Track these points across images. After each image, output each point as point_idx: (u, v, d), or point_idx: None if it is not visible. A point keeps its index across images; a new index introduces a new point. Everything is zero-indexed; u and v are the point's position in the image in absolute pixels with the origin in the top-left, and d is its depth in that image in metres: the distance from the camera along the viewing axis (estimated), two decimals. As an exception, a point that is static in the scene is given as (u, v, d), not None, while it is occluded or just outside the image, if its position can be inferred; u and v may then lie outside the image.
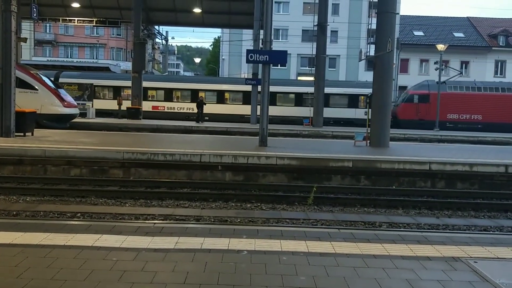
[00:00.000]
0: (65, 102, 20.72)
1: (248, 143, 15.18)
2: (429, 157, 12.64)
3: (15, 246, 4.39)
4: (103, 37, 56.13)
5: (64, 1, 29.97)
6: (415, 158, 12.39)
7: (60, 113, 20.02)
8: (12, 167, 11.21)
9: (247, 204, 9.11)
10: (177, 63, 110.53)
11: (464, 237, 5.41)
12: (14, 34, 14.80)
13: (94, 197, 9.21)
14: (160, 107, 32.34)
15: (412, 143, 20.17)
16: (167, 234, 4.99)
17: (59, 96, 20.65)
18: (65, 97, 21.34)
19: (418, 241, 5.11)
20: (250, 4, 28.37)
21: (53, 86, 21.22)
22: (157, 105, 32.36)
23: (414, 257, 4.55)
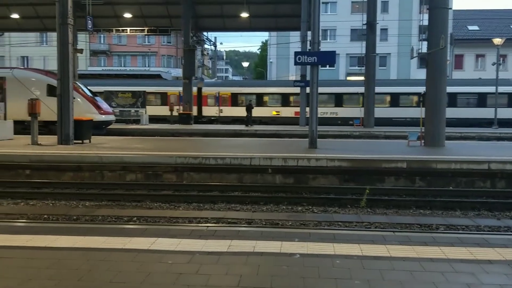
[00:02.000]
0: (101, 110, 21.59)
1: (297, 146, 15.12)
2: (487, 156, 12.11)
3: (77, 249, 4.58)
4: (154, 46, 57.71)
5: (117, 12, 31.05)
6: (473, 157, 11.90)
7: (97, 120, 20.73)
8: (71, 173, 11.71)
9: (298, 207, 9.07)
10: (225, 68, 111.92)
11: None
12: (71, 46, 15.49)
13: (149, 201, 9.46)
14: None
15: (469, 142, 19.40)
16: (220, 237, 5.04)
17: (96, 104, 21.52)
18: (101, 105, 22.25)
19: (478, 244, 4.90)
20: (297, 6, 28.30)
21: (90, 95, 22.18)
22: None
23: (475, 261, 4.37)
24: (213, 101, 33.47)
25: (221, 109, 33.17)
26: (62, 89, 15.14)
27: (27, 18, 31.92)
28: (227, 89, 33.70)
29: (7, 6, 30.44)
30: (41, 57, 55.06)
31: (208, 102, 33.32)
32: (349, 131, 24.23)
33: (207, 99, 33.35)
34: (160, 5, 30.82)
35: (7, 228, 5.69)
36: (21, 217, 7.98)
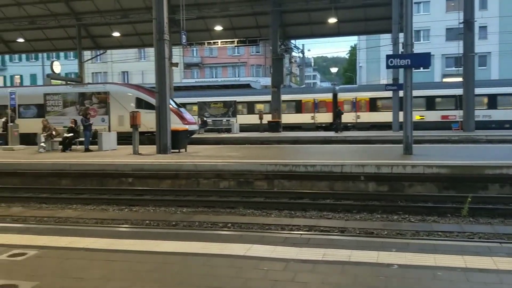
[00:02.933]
0: (185, 120, 22.45)
1: (391, 152, 14.63)
2: None
3: (177, 254, 4.80)
4: (243, 56, 59.19)
5: (209, 25, 32.28)
6: None
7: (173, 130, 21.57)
8: (170, 181, 12.31)
9: (394, 216, 8.76)
10: (313, 75, 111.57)
11: None
12: (167, 60, 16.36)
13: (242, 208, 9.66)
14: None
15: None
16: (314, 246, 5.01)
17: (180, 115, 22.41)
18: (185, 115, 23.21)
19: None
20: (387, 8, 27.54)
21: (175, 106, 23.19)
22: None
23: None
24: (350, 106, 32.49)
25: (358, 115, 32.20)
26: (160, 101, 16.01)
27: (127, 36, 34.26)
28: (365, 94, 32.69)
29: (109, 25, 32.91)
30: (140, 72, 58.77)
31: (344, 108, 32.10)
32: (447, 135, 22.96)
33: (343, 104, 32.32)
34: (249, 16, 31.56)
35: (113, 232, 6.11)
36: (125, 222, 8.53)
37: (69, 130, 18.20)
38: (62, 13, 32.06)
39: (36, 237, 5.62)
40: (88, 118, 17.77)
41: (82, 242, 5.35)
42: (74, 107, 19.37)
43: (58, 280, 4.11)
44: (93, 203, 10.57)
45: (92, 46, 36.50)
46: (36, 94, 22.82)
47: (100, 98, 19.10)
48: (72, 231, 6.04)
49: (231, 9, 30.03)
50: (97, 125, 18.58)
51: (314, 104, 32.82)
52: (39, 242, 5.38)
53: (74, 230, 6.16)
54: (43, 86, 29.64)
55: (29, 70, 62.08)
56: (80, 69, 34.16)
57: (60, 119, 19.47)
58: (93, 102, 19.07)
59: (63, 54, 55.82)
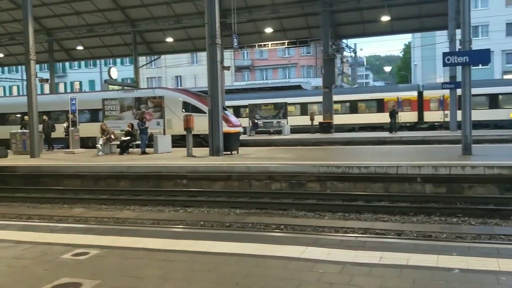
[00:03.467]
0: (230, 123, 22.61)
1: (448, 152, 14.13)
2: None
3: (232, 255, 4.85)
4: (294, 57, 59.01)
5: (259, 28, 32.46)
6: None
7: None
8: (222, 182, 12.48)
9: (453, 219, 8.46)
10: (366, 74, 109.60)
11: None
12: (219, 64, 16.59)
13: (295, 210, 9.64)
14: None
15: None
16: (370, 249, 4.92)
17: (225, 118, 22.54)
18: (230, 118, 23.35)
19: None
20: (443, 4, 26.66)
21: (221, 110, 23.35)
22: None
23: None
24: (436, 105, 31.25)
25: (446, 113, 30.27)
26: (213, 104, 16.27)
27: (180, 41, 35.06)
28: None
29: (163, 31, 33.81)
30: (192, 76, 59.95)
31: (431, 106, 31.31)
32: (508, 135, 21.89)
33: (429, 103, 31.40)
34: (300, 17, 31.45)
35: (170, 233, 6.27)
36: (181, 223, 8.73)
37: (127, 134, 18.84)
38: (118, 21, 33.28)
39: (98, 237, 5.86)
40: (144, 122, 18.33)
41: (141, 242, 5.52)
42: (131, 112, 20.02)
43: (119, 279, 4.27)
44: (150, 204, 10.89)
45: (146, 51, 37.66)
46: (94, 99, 23.83)
47: (155, 102, 19.66)
48: (131, 232, 6.25)
49: (281, 11, 30.03)
50: (152, 129, 19.13)
51: (398, 103, 31.94)
52: (100, 242, 5.61)
53: (133, 231, 6.37)
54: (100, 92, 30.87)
55: (88, 76, 64.85)
56: (136, 75, 35.30)
57: (117, 123, 20.19)
58: (149, 106, 19.65)
59: (119, 60, 57.85)
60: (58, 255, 5.08)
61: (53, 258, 4.98)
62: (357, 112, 32.88)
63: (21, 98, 27.75)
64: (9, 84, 65.75)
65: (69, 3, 31.20)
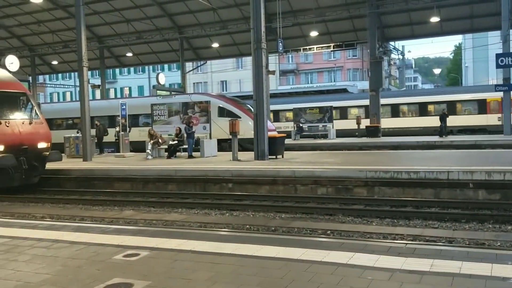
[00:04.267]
0: None
1: (502, 157, 13.57)
2: None
3: (279, 259, 4.85)
4: (339, 60, 58.48)
5: (304, 32, 32.39)
6: None
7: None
8: (267, 186, 12.50)
9: (508, 226, 8.12)
10: (414, 77, 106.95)
11: None
12: (264, 68, 16.66)
13: (341, 215, 9.52)
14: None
15: None
16: (421, 256, 4.80)
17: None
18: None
19: None
20: (496, 3, 25.68)
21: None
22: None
23: None
24: None
25: None
26: (258, 109, 16.34)
27: (225, 46, 35.52)
28: None
29: (209, 37, 34.36)
30: (237, 81, 60.53)
31: None
32: None
33: None
34: (346, 20, 31.17)
35: (217, 236, 6.33)
36: (227, 226, 8.83)
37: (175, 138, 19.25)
38: (166, 27, 34.12)
39: (148, 239, 6.00)
40: (191, 126, 18.64)
41: (189, 244, 5.61)
42: (178, 116, 20.41)
43: (168, 280, 4.35)
44: (197, 207, 11.05)
45: (193, 57, 38.40)
46: (143, 104, 24.46)
47: (201, 107, 19.96)
48: (179, 234, 6.36)
49: (327, 14, 29.86)
50: (199, 133, 19.43)
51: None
52: (150, 243, 5.74)
53: (181, 233, 6.49)
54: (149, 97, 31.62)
55: (137, 82, 66.74)
56: (183, 80, 36.02)
57: (165, 127, 20.63)
58: (195, 111, 19.98)
59: (167, 66, 59.20)
60: (110, 255, 5.24)
61: (106, 258, 5.14)
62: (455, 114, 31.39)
63: (74, 103, 28.88)
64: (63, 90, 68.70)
65: (119, 11, 32.29)
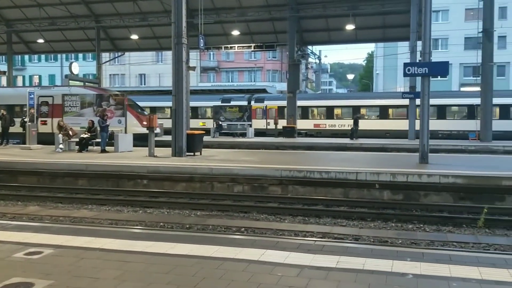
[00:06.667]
0: (144, 123, 22.63)
1: (406, 160, 14.52)
2: None
3: (192, 257, 4.83)
4: (260, 61, 59.29)
5: (226, 30, 32.45)
6: None
7: (139, 133, 21.57)
8: (184, 183, 12.38)
9: (408, 225, 8.69)
10: (329, 81, 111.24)
11: None
12: (185, 64, 16.47)
13: (256, 213, 9.66)
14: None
15: None
16: (328, 253, 5.00)
17: (139, 118, 22.58)
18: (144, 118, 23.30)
19: None
20: (406, 16, 27.39)
21: (139, 110, 23.92)
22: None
23: None
24: None
25: None
26: (177, 105, 16.11)
27: (145, 39, 34.60)
28: None
29: (128, 28, 33.29)
30: (157, 75, 59.26)
31: None
32: (464, 145, 22.70)
33: None
34: (267, 21, 31.66)
35: (128, 234, 6.17)
36: (139, 224, 8.61)
37: (87, 131, 18.43)
38: (82, 15, 32.54)
39: (52, 236, 5.70)
40: (105, 119, 17.96)
41: (97, 242, 5.41)
42: (92, 108, 19.56)
43: (73, 279, 4.17)
44: (109, 204, 10.68)
45: (110, 48, 36.95)
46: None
47: (117, 100, 19.30)
48: (88, 231, 6.11)
49: (249, 14, 30.15)
50: (114, 127, 18.77)
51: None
52: (55, 241, 5.46)
53: (89, 230, 6.24)
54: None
55: (48, 70, 62.99)
56: (98, 71, 34.59)
57: (77, 119, 19.68)
58: (110, 104, 19.27)
59: (81, 56, 56.55)
60: (9, 253, 4.91)
61: (4, 256, 4.82)
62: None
63: None
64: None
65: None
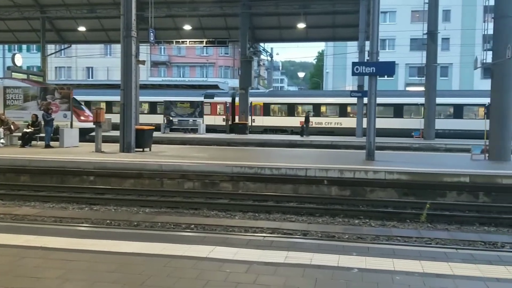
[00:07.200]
0: (80, 117, 22.50)
1: (354, 157, 14.89)
2: (560, 172, 11.40)
3: (139, 255, 4.73)
4: (212, 57, 58.96)
5: (177, 24, 32.01)
6: (543, 173, 11.24)
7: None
8: (132, 180, 12.13)
9: (355, 220, 8.92)
10: (281, 78, 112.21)
11: None
12: (134, 57, 16.10)
13: (206, 209, 9.62)
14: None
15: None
16: (277, 248, 5.05)
17: (76, 113, 22.28)
18: (81, 113, 23.40)
19: (550, 265, 4.61)
20: (355, 16, 28.04)
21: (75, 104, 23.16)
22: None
23: (547, 284, 4.11)
24: None
25: None
26: (125, 99, 15.75)
27: (93, 31, 33.56)
28: None
29: (75, 19, 32.18)
30: (105, 68, 57.63)
31: None
32: (408, 143, 23.57)
33: None
34: (219, 17, 31.49)
35: (73, 231, 5.97)
36: (85, 221, 8.34)
37: (31, 125, 17.68)
38: (26, 5, 31.10)
39: (-9, 235, 5.43)
40: (50, 113, 17.29)
41: (39, 240, 5.21)
42: (35, 102, 18.78)
43: (13, 279, 3.99)
44: (53, 201, 10.29)
45: (56, 40, 35.53)
46: None
47: (62, 93, 18.62)
48: (30, 229, 5.87)
49: (201, 9, 29.90)
50: (59, 121, 18.10)
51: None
52: (-6, 240, 5.21)
53: (31, 228, 5.99)
54: None
55: (-12, 62, 59.89)
56: (43, 63, 33.22)
57: (20, 113, 18.84)
58: (56, 97, 18.56)
59: (25, 47, 54.14)
60: None
61: None
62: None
63: None
64: None
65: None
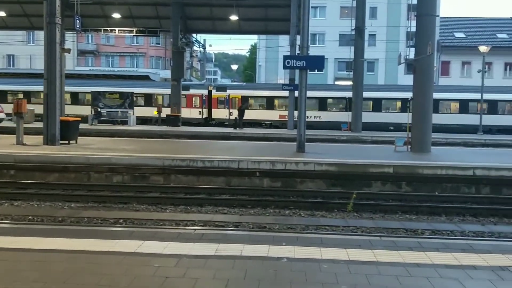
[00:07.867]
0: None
1: (286, 149, 15.15)
2: (473, 162, 12.26)
3: (62, 252, 4.53)
4: (142, 46, 57.39)
5: (106, 12, 30.83)
6: (458, 163, 12.05)
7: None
8: (57, 174, 11.60)
9: (286, 211, 9.09)
10: (214, 70, 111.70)
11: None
12: (58, 45, 15.36)
13: (136, 203, 9.39)
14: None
15: (455, 148, 19.61)
16: (207, 241, 5.03)
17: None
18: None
19: (463, 249, 4.96)
20: (287, 10, 28.40)
21: None
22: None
23: (459, 266, 4.42)
24: None
25: None
26: (49, 89, 14.99)
27: (14, 16, 31.55)
28: None
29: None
30: (28, 56, 54.42)
31: None
32: (337, 135, 24.35)
33: None
34: (149, 6, 30.69)
35: (-9, 229, 5.61)
36: (5, 218, 7.88)
37: None
38: None
39: None
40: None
41: (-49, 240, 4.85)
42: None
43: None
44: (-32, 197, 9.61)
45: (-29, 24, 33.10)
46: None
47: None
48: None
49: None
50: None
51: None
52: None
53: None
54: None
55: None
56: (-43, 49, 30.85)
57: None
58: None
59: None
60: None
61: None
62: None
63: None
64: None
65: None
